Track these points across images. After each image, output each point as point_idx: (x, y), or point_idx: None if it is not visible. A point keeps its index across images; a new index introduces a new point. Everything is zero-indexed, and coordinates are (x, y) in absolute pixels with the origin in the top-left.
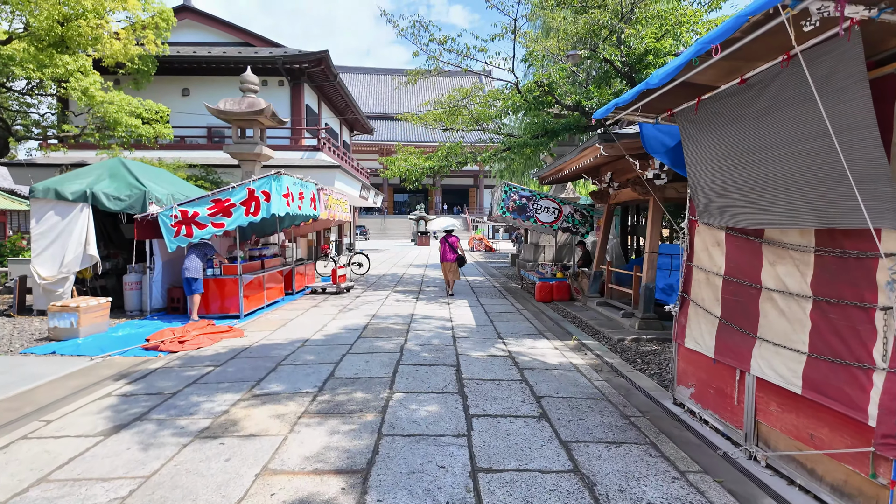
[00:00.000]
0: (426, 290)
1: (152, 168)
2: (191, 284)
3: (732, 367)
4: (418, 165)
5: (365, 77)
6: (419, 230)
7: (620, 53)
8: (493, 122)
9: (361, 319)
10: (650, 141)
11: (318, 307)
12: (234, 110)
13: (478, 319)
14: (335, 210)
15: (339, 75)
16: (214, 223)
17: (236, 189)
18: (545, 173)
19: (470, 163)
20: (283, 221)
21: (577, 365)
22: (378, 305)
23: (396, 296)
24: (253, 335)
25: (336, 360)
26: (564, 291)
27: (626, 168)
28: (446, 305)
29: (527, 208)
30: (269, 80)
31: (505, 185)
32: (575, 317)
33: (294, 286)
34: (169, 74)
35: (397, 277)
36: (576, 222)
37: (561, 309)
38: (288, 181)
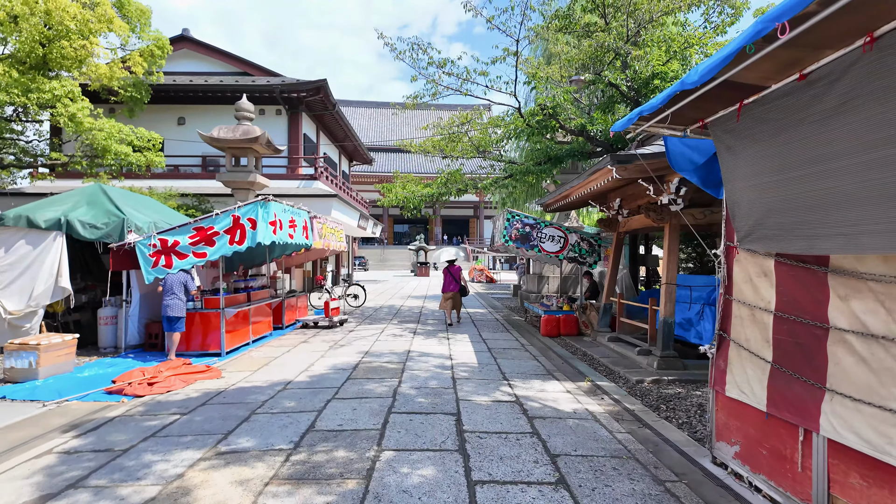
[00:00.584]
0: (425, 323)
1: (136, 195)
2: (172, 322)
3: (793, 424)
4: (416, 192)
5: (366, 111)
6: (419, 261)
7: (626, 77)
8: (494, 148)
9: (352, 357)
10: (676, 158)
11: (307, 343)
12: (228, 138)
13: (480, 357)
14: (329, 239)
15: (337, 104)
16: (196, 253)
17: (220, 216)
18: (550, 200)
19: (470, 190)
20: (274, 251)
21: (594, 413)
22: (372, 341)
23: (392, 330)
24: (231, 376)
25: (319, 407)
26: (572, 325)
27: (638, 193)
28: (445, 341)
29: (531, 237)
30: (267, 108)
31: (507, 212)
32: (585, 354)
33: (284, 320)
34: (165, 103)
35: (395, 310)
36: (583, 252)
37: (569, 345)
38: (276, 208)
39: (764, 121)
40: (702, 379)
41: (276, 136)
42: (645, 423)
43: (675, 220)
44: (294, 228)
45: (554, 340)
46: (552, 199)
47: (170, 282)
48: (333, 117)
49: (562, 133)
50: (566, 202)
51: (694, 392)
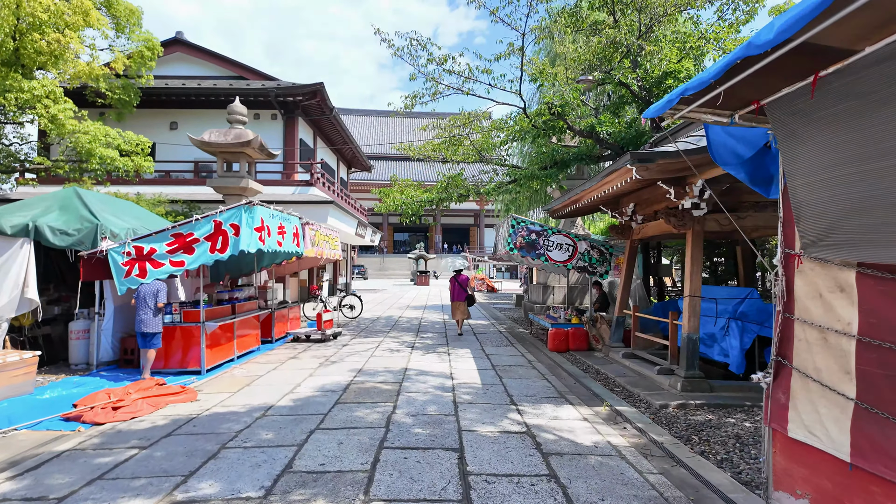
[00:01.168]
0: (424, 336)
1: (116, 200)
2: (147, 338)
3: (891, 482)
4: (415, 198)
5: (366, 119)
6: (418, 269)
7: (637, 76)
8: (497, 151)
9: (344, 376)
10: (719, 150)
11: (296, 359)
12: (219, 141)
13: (484, 375)
14: (323, 247)
15: (334, 109)
16: (173, 261)
17: (201, 222)
18: (557, 205)
19: (472, 196)
20: (263, 259)
21: (618, 447)
22: (366, 357)
23: (389, 344)
24: (207, 398)
25: (300, 440)
26: (582, 340)
27: (654, 198)
28: (446, 356)
29: (537, 245)
30: (262, 113)
31: (512, 218)
32: (599, 372)
33: (274, 333)
34: (157, 107)
35: (392, 321)
36: (593, 261)
37: (580, 361)
38: (262, 213)
39: (849, 96)
40: (733, 403)
41: (272, 140)
42: (678, 459)
43: (699, 227)
44: (283, 235)
45: (563, 356)
46: (560, 204)
47: (143, 293)
48: (331, 122)
49: (569, 135)
50: (575, 207)
51: (726, 419)
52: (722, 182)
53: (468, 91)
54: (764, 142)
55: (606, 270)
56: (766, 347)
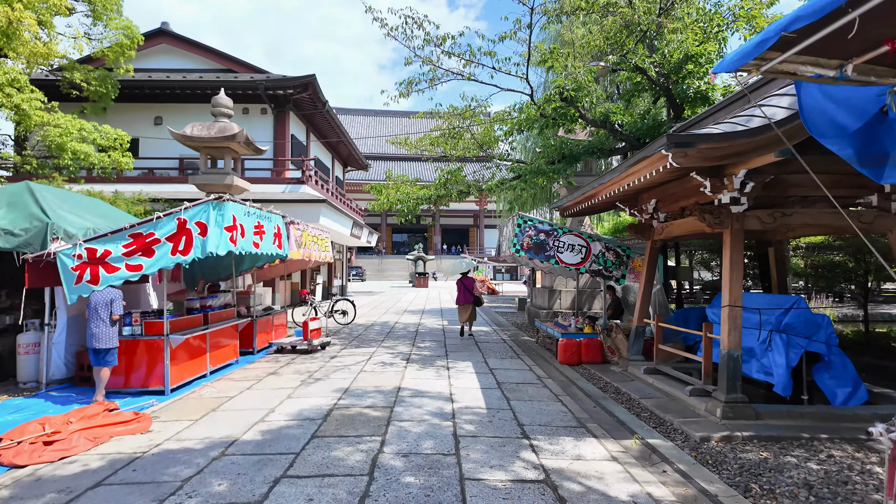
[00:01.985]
0: (421, 346)
1: (78, 197)
2: (99, 355)
3: None
4: (412, 194)
5: (364, 119)
6: (417, 271)
7: (654, 61)
8: (500, 146)
9: (326, 399)
10: (814, 117)
11: (275, 375)
12: (202, 136)
13: (488, 397)
14: (311, 248)
15: (327, 103)
16: (130, 265)
17: (163, 220)
18: (569, 202)
19: (473, 192)
20: (243, 262)
21: (661, 502)
22: (355, 372)
23: (382, 355)
24: (162, 429)
25: (258, 494)
26: (596, 352)
27: (683, 192)
28: (445, 372)
29: (546, 246)
30: (251, 107)
31: (518, 216)
32: (619, 391)
33: (255, 343)
34: (139, 101)
35: (387, 328)
36: (608, 264)
37: (596, 377)
38: (235, 210)
39: None
40: (787, 436)
41: (262, 136)
42: None
43: (738, 225)
44: (261, 236)
45: (575, 370)
46: (571, 200)
47: (95, 302)
48: (325, 118)
49: (580, 125)
50: (589, 204)
51: (785, 458)
52: (766, 172)
53: (469, 76)
54: (877, 107)
55: (623, 275)
56: (814, 364)
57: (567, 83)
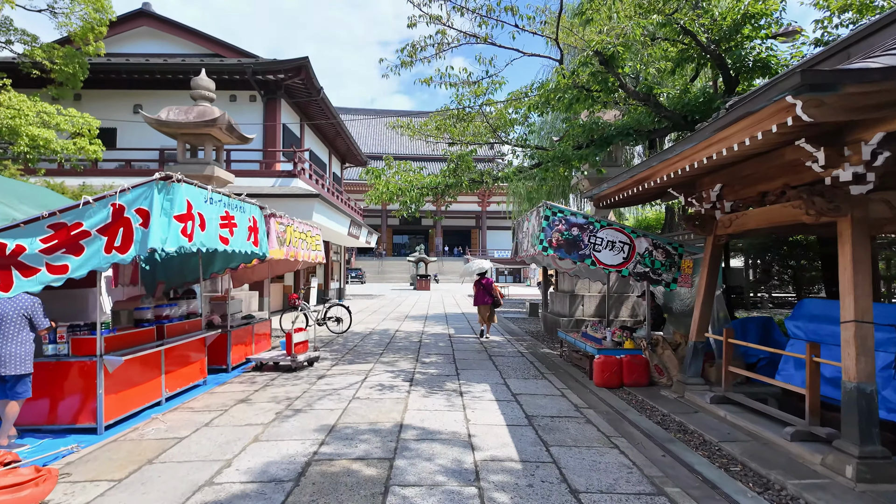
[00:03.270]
0: (426, 361)
1: (14, 184)
2: (7, 384)
3: None
4: (415, 182)
5: (365, 119)
6: (418, 273)
7: (705, 24)
8: (515, 130)
9: (305, 444)
10: None
11: (246, 404)
12: (179, 120)
13: (519, 439)
14: (299, 247)
15: (322, 90)
16: (52, 266)
17: (94, 207)
18: (611, 188)
19: (486, 181)
20: (214, 262)
21: None
22: (346, 399)
23: (380, 374)
24: (65, 498)
25: None
26: (641, 372)
27: (766, 171)
28: (458, 398)
29: (580, 243)
30: (239, 94)
31: (546, 207)
32: (685, 428)
33: (230, 359)
34: (117, 87)
35: (387, 337)
36: (657, 265)
37: (647, 406)
38: (191, 194)
39: None
40: None
41: (251, 125)
42: None
43: (861, 211)
44: (231, 229)
45: (617, 395)
46: (613, 187)
47: (5, 314)
48: (320, 108)
49: (620, 96)
50: (638, 190)
51: None
52: None
53: (486, 38)
54: None
55: (674, 278)
56: None
57: (609, 39)
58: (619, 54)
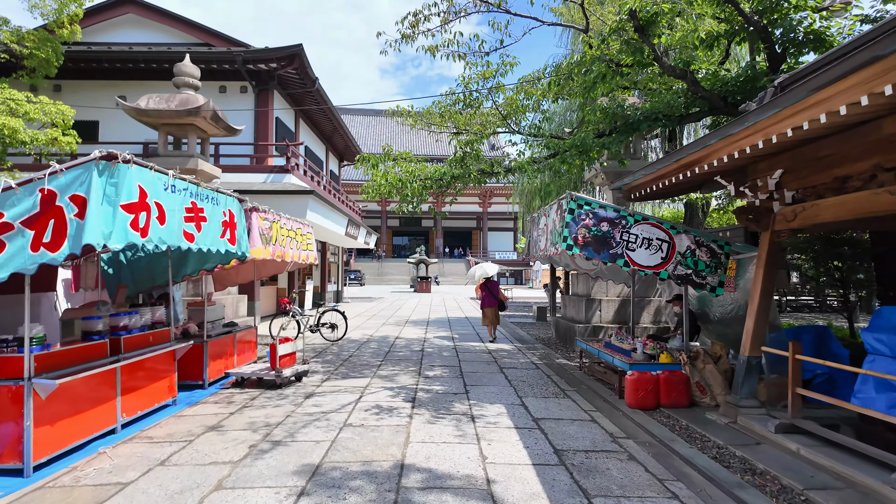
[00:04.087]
0: (430, 375)
1: None
2: None
3: None
4: (417, 172)
5: (365, 119)
6: (419, 275)
7: None
8: (528, 118)
9: (278, 495)
10: None
11: (217, 431)
12: (159, 109)
13: (550, 485)
14: (286, 246)
15: (318, 80)
16: None
17: (17, 193)
18: (650, 174)
19: (498, 172)
20: (186, 263)
21: None
22: (336, 426)
23: (378, 392)
24: None
25: None
26: (680, 391)
27: (848, 151)
28: (469, 425)
29: (610, 239)
30: (229, 85)
31: (571, 198)
32: (751, 467)
33: (206, 373)
34: (99, 78)
35: (386, 345)
36: (700, 266)
37: (696, 435)
38: (146, 180)
39: None
40: None
41: (241, 118)
42: None
43: None
44: (199, 223)
45: (654, 418)
46: (651, 175)
47: None
48: (315, 101)
49: (654, 72)
50: (681, 178)
51: None
52: None
53: (499, 2)
54: None
55: (720, 282)
56: None
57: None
58: (657, 18)
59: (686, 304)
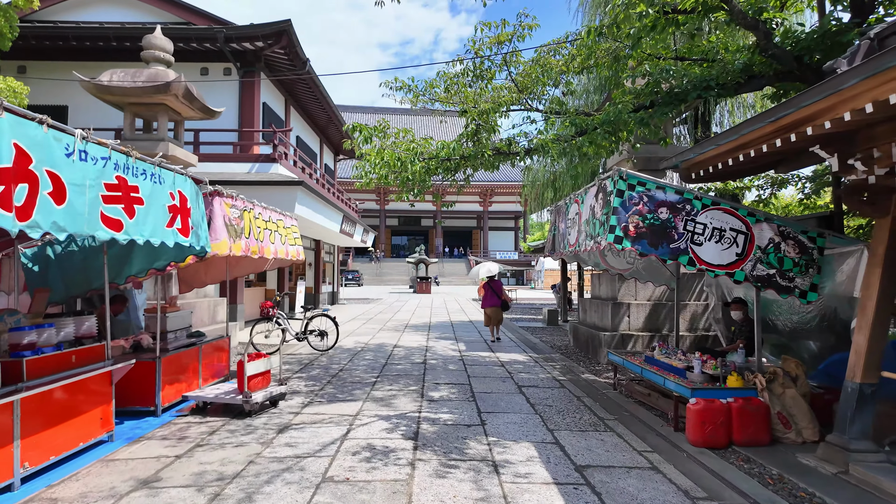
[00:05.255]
0: (435, 397)
1: None
2: None
3: None
4: (420, 150)
5: (363, 116)
6: (419, 275)
7: None
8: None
9: None
10: None
11: (148, 489)
12: (123, 85)
13: None
14: (264, 241)
15: (309, 62)
16: None
17: None
18: (726, 144)
19: (517, 154)
20: (131, 259)
21: None
22: (311, 485)
23: (370, 425)
24: None
25: None
26: (759, 424)
27: None
28: (493, 479)
29: (671, 231)
30: (212, 66)
31: (620, 175)
32: None
33: (160, 397)
34: (69, 59)
35: (383, 355)
36: (787, 265)
37: (797, 492)
38: (25, 135)
39: None
40: None
41: (225, 102)
42: None
43: None
44: (130, 206)
45: (731, 462)
46: (729, 143)
47: None
48: (308, 87)
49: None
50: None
51: None
52: None
53: None
54: None
55: (813, 285)
56: None
57: None
58: None
59: (758, 310)
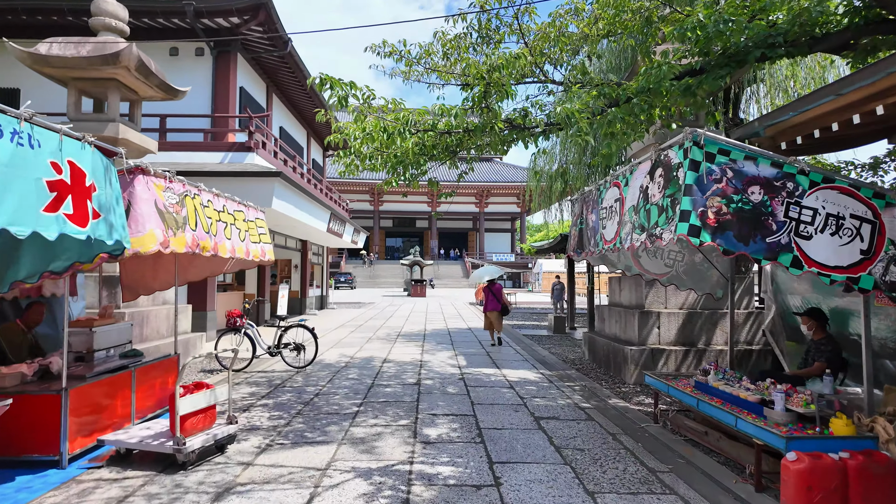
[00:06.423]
0: (432, 439)
1: None
2: None
3: None
4: (415, 121)
5: None
6: (413, 278)
7: None
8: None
9: None
10: None
11: None
12: (65, 56)
13: None
14: (218, 236)
15: (291, 41)
16: None
17: None
18: (856, 91)
19: (532, 120)
20: (19, 259)
21: None
22: None
23: (344, 486)
24: None
25: None
26: (886, 492)
27: None
28: None
29: (767, 219)
30: (182, 46)
31: (695, 138)
32: None
33: (66, 443)
34: (21, 37)
35: (370, 373)
36: None
37: None
38: None
39: None
40: None
41: (198, 87)
42: None
43: None
44: None
45: None
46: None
47: None
48: (291, 71)
49: None
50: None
51: None
52: None
53: None
54: None
55: None
56: None
57: None
58: None
59: (867, 327)
